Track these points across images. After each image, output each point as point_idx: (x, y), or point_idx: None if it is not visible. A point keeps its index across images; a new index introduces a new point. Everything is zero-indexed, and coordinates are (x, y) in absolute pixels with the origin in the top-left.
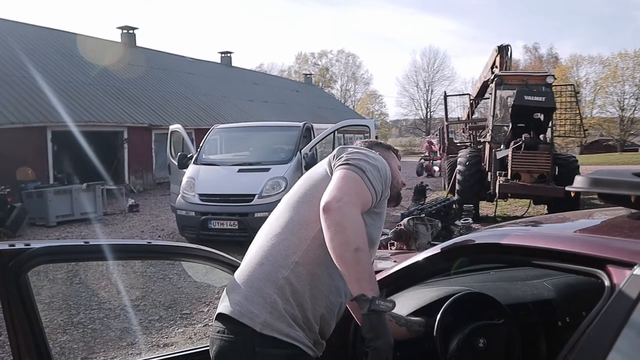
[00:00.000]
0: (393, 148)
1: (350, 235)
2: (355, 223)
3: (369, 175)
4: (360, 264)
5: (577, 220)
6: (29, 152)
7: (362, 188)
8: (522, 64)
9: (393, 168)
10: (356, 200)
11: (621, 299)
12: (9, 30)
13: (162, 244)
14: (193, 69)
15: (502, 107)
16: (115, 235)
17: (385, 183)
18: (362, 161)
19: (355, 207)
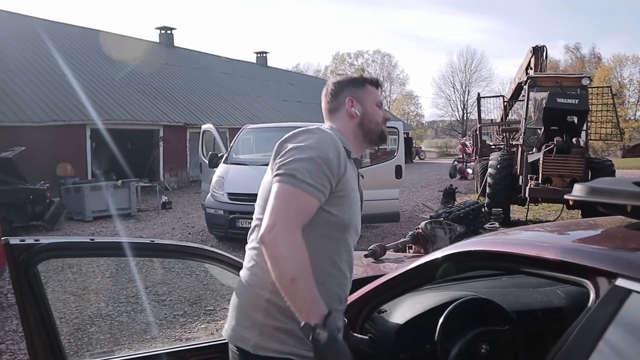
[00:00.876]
0: (370, 79)
1: (284, 267)
2: (289, 251)
3: (304, 177)
4: (298, 294)
5: (575, 228)
6: (68, 148)
7: (298, 199)
8: (562, 65)
9: (368, 106)
10: (291, 220)
11: (601, 310)
12: (49, 31)
13: (164, 243)
14: (229, 69)
15: (535, 110)
16: (148, 232)
17: (331, 168)
18: (294, 162)
19: (289, 231)
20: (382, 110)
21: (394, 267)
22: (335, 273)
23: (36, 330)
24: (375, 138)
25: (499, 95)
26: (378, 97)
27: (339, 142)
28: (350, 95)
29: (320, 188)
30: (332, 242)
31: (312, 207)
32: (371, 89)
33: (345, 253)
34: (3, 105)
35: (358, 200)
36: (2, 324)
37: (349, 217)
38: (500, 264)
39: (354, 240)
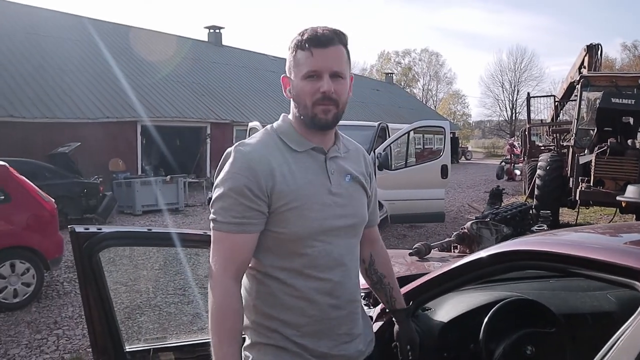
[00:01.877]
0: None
1: (209, 317)
2: (210, 304)
3: (222, 217)
4: (212, 346)
5: (626, 230)
6: (120, 144)
7: (224, 242)
8: (618, 63)
9: (295, 82)
10: (219, 268)
11: None
12: (101, 31)
13: None
14: (275, 67)
15: (589, 110)
16: (194, 226)
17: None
18: (214, 203)
19: (216, 282)
20: (315, 82)
21: (439, 266)
22: (313, 284)
23: (96, 312)
24: (308, 124)
25: (550, 95)
26: (309, 64)
27: (254, 157)
28: (286, 69)
29: (243, 221)
30: (297, 256)
31: (243, 244)
32: (300, 56)
33: (322, 260)
34: (61, 102)
35: (327, 202)
36: (59, 310)
37: (301, 228)
38: (547, 264)
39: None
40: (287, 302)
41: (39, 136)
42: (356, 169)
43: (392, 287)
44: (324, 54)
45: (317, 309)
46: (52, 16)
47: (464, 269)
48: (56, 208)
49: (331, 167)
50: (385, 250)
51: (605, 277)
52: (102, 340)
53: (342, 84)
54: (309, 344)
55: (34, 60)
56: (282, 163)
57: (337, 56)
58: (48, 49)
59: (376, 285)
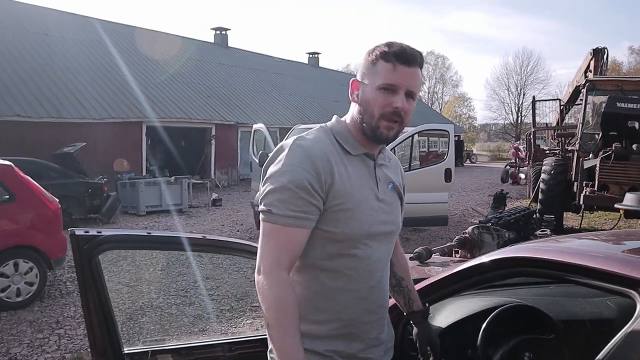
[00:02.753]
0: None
1: (265, 311)
2: (268, 296)
3: (280, 210)
4: (273, 340)
5: (627, 238)
6: (125, 145)
7: (279, 235)
8: (625, 67)
9: (368, 89)
10: (273, 260)
11: None
12: (109, 32)
13: (215, 239)
14: (281, 69)
15: (594, 114)
16: (197, 227)
17: (309, 189)
18: (269, 194)
19: (271, 274)
20: (390, 96)
21: (439, 270)
22: (352, 286)
23: (95, 315)
24: (367, 134)
25: (556, 99)
26: (389, 78)
27: (315, 152)
28: (359, 74)
29: (301, 215)
30: (341, 257)
31: (298, 238)
32: (382, 66)
33: (363, 263)
34: (67, 102)
35: (375, 208)
36: (61, 310)
37: (351, 230)
38: (545, 271)
39: (380, 245)
40: (322, 304)
41: (45, 136)
42: (396, 179)
43: (410, 290)
44: (406, 71)
45: (352, 312)
46: (60, 17)
47: (463, 274)
48: (60, 208)
49: (379, 173)
50: (403, 255)
51: (603, 286)
52: (101, 342)
53: (412, 105)
54: (340, 346)
55: (42, 60)
56: (339, 163)
57: (416, 77)
58: (56, 49)
59: (395, 288)
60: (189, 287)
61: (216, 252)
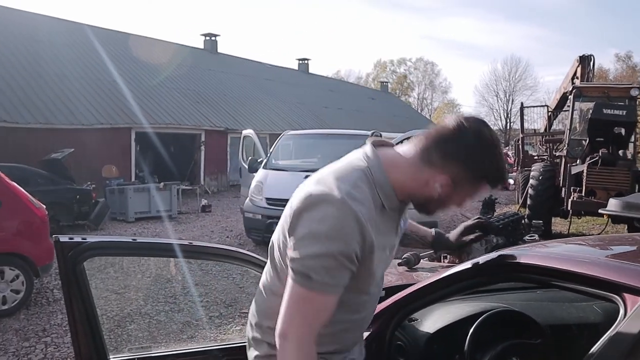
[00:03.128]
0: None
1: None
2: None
3: (321, 277)
4: None
5: (612, 243)
6: (114, 151)
7: (315, 303)
8: (612, 74)
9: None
10: (305, 329)
11: (629, 327)
12: (99, 37)
13: (202, 245)
14: (270, 75)
15: (581, 120)
16: (186, 233)
17: (353, 258)
18: (308, 258)
19: (301, 344)
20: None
21: (428, 276)
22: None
23: (80, 323)
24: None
25: (543, 105)
26: (480, 197)
27: (366, 220)
28: (451, 174)
29: (340, 283)
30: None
31: (331, 305)
32: (483, 186)
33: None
34: (56, 108)
35: (385, 256)
36: (48, 317)
37: (362, 284)
38: (531, 276)
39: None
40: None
41: (33, 142)
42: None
43: (416, 230)
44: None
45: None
46: (50, 23)
47: (450, 280)
48: (47, 214)
49: (402, 223)
50: None
51: (587, 290)
52: (87, 350)
53: None
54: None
55: (30, 67)
56: (376, 221)
57: None
58: (45, 55)
59: (404, 240)
60: (177, 294)
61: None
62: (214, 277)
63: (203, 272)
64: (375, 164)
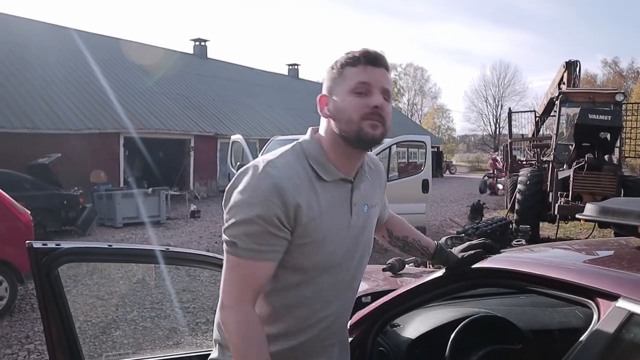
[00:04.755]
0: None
1: (232, 349)
2: (236, 334)
3: (245, 244)
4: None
5: (591, 248)
6: (102, 156)
7: (245, 270)
8: (599, 79)
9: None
10: (238, 296)
11: (601, 331)
12: (86, 42)
13: (180, 251)
14: (260, 80)
15: (568, 126)
16: (175, 239)
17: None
18: (234, 226)
19: (236, 310)
20: (364, 97)
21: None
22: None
23: (56, 330)
24: (352, 141)
25: (531, 111)
26: (361, 77)
27: (285, 184)
28: (325, 89)
29: (268, 249)
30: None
31: (264, 272)
32: (349, 72)
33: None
34: (42, 113)
35: (343, 235)
36: (32, 324)
37: (316, 262)
38: (508, 282)
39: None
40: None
41: (19, 147)
42: (378, 188)
43: (419, 239)
44: (376, 71)
45: (303, 339)
46: (37, 27)
47: (430, 285)
48: (32, 220)
49: (355, 198)
50: (396, 217)
51: (562, 296)
52: (62, 356)
53: (389, 106)
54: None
55: (17, 71)
56: (310, 192)
57: (387, 78)
58: (31, 60)
59: (405, 248)
60: (164, 300)
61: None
62: (201, 283)
63: (190, 278)
64: (308, 138)
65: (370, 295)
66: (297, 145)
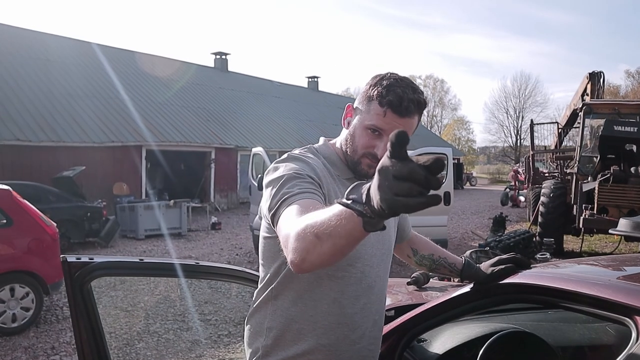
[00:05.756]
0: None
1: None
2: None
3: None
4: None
5: (624, 264)
6: (125, 168)
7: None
8: (622, 90)
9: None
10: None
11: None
12: (109, 56)
13: (208, 265)
14: (280, 93)
15: (592, 137)
16: (197, 251)
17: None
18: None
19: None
20: (375, 138)
21: (437, 295)
22: (335, 311)
23: (87, 343)
24: (349, 166)
25: (554, 122)
26: (377, 122)
27: (312, 163)
28: (356, 100)
29: (312, 189)
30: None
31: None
32: (373, 107)
33: (350, 287)
34: (68, 126)
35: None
36: (57, 335)
37: None
38: (540, 297)
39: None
40: (303, 327)
41: (44, 160)
42: None
43: (445, 257)
44: (396, 121)
45: (332, 337)
46: (60, 42)
47: (459, 300)
48: (58, 232)
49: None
50: (420, 236)
51: (596, 312)
52: None
53: None
54: None
55: (42, 85)
56: (331, 182)
57: (406, 126)
58: (56, 74)
59: (432, 266)
60: (186, 312)
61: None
62: (223, 295)
63: (212, 290)
64: (321, 143)
65: (393, 309)
66: (311, 147)
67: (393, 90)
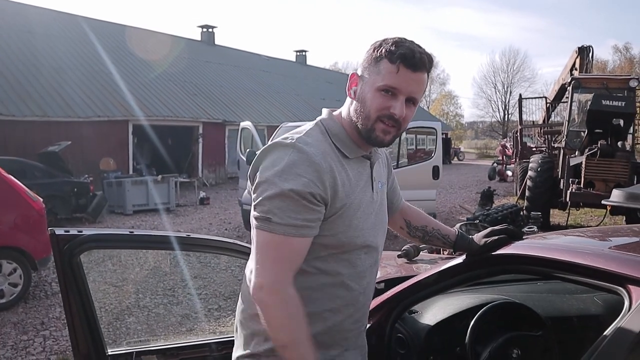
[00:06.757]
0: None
1: (275, 333)
2: (276, 316)
3: (280, 219)
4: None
5: (614, 234)
6: (111, 143)
7: (281, 246)
8: (610, 65)
9: (367, 88)
10: (277, 275)
11: (634, 319)
12: (95, 29)
13: (200, 237)
14: (268, 67)
15: (580, 112)
16: (185, 226)
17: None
18: (265, 200)
19: (277, 290)
20: (389, 99)
21: (428, 268)
22: (341, 293)
23: (77, 316)
24: (362, 135)
25: (542, 97)
26: (391, 81)
27: (320, 162)
28: (360, 68)
29: (303, 224)
30: (333, 261)
31: (300, 248)
32: (386, 66)
33: (355, 269)
34: (52, 101)
35: (369, 211)
36: (47, 311)
37: (347, 237)
38: (533, 268)
39: (373, 252)
40: (309, 308)
41: (30, 135)
42: (384, 172)
43: (438, 228)
44: (410, 76)
45: (337, 318)
46: (46, 15)
47: (450, 272)
48: (44, 207)
49: (375, 174)
50: (412, 207)
51: (590, 282)
52: (84, 344)
53: (412, 111)
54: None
55: (26, 59)
56: (340, 169)
57: (420, 83)
58: (41, 48)
59: (424, 238)
60: (176, 287)
61: (200, 251)
62: (212, 270)
63: (202, 265)
64: (327, 116)
65: (383, 282)
66: (319, 123)
67: (402, 44)
